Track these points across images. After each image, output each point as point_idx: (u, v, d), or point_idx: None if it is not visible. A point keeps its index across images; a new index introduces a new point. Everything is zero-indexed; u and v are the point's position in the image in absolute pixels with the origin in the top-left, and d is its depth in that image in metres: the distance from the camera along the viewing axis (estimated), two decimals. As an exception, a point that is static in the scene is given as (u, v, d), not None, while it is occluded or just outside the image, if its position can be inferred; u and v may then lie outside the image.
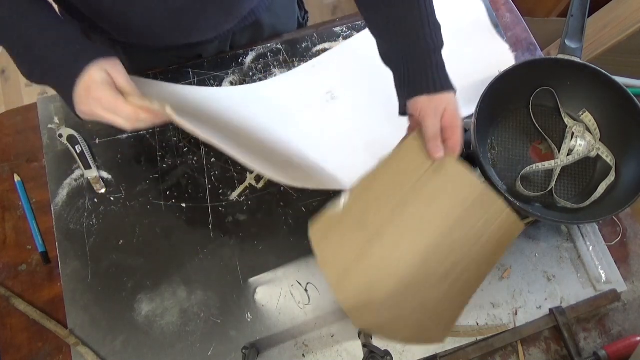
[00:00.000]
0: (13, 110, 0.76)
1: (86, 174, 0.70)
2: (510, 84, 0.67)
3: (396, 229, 0.53)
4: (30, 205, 0.70)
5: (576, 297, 0.67)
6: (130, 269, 0.67)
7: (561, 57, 0.67)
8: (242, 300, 0.66)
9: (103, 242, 0.68)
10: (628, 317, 0.67)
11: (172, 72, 0.76)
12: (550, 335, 0.66)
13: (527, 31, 0.84)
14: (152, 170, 0.71)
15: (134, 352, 0.63)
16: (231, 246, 0.68)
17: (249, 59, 0.78)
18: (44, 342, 0.64)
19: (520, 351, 0.65)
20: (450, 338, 0.64)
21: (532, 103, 0.72)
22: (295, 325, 0.65)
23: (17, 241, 0.69)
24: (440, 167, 0.55)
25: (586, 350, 0.65)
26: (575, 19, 0.68)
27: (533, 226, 0.70)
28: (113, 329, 0.64)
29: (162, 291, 0.66)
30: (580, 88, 0.69)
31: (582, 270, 0.69)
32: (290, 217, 0.70)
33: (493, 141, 0.72)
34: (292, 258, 0.68)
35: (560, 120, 0.72)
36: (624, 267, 0.69)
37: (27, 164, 0.73)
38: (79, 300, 0.65)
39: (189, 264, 0.67)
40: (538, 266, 0.68)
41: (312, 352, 0.64)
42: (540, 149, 0.71)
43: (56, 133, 0.72)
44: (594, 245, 0.70)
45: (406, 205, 0.53)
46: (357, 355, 0.63)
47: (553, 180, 0.68)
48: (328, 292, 0.66)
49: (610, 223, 0.72)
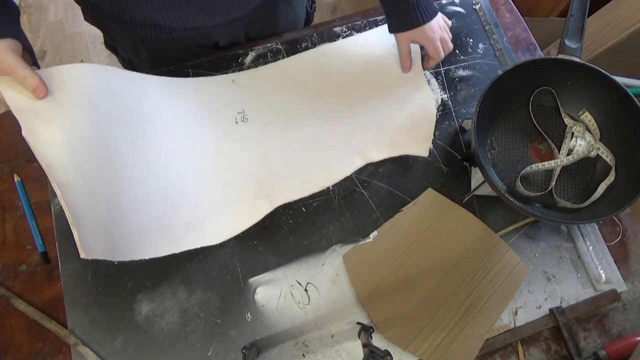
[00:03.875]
0: (13, 110, 0.76)
1: (86, 174, 0.70)
2: (510, 84, 0.67)
3: (417, 258, 0.66)
4: (30, 205, 0.70)
5: (576, 297, 0.67)
6: (130, 269, 0.67)
7: (561, 57, 0.67)
8: (242, 300, 0.66)
9: (103, 242, 0.68)
10: (628, 317, 0.67)
11: (172, 72, 0.76)
12: (550, 335, 0.66)
13: (527, 31, 0.84)
14: (152, 170, 0.71)
15: (134, 352, 0.63)
16: (231, 246, 0.68)
17: (249, 59, 0.78)
18: (44, 342, 0.64)
19: (520, 351, 0.65)
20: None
21: (532, 103, 0.72)
22: (295, 325, 0.65)
23: (17, 241, 0.69)
24: (450, 211, 0.69)
25: (586, 350, 0.65)
26: (575, 18, 0.68)
27: (533, 226, 0.70)
28: (113, 329, 0.64)
29: (162, 291, 0.66)
30: (580, 88, 0.69)
31: (582, 270, 0.69)
32: (290, 217, 0.70)
33: (493, 141, 0.72)
34: (292, 258, 0.68)
35: (560, 120, 0.72)
36: (624, 267, 0.69)
37: (27, 164, 0.73)
38: (79, 300, 0.65)
39: (188, 264, 0.67)
40: (538, 266, 0.69)
41: (312, 352, 0.64)
42: (540, 149, 0.71)
43: (56, 133, 0.72)
44: (594, 245, 0.70)
45: (424, 240, 0.67)
46: (357, 355, 0.63)
47: (553, 180, 0.68)
48: (328, 292, 0.66)
49: (610, 223, 0.72)
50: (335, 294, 0.66)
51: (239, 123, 0.71)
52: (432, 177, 0.72)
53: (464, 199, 0.71)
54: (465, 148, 0.74)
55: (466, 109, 0.77)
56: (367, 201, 0.71)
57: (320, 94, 0.74)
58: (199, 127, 0.69)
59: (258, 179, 0.68)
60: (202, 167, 0.68)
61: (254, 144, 0.70)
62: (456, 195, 0.71)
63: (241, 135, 0.70)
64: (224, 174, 0.68)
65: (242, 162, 0.69)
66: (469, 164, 0.72)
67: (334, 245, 0.68)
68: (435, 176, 0.73)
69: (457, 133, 0.75)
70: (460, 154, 0.74)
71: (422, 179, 0.72)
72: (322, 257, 0.68)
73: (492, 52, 0.81)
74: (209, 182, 0.67)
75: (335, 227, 0.69)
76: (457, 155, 0.74)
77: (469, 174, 0.72)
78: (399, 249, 0.67)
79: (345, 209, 0.70)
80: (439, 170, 0.73)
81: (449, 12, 0.84)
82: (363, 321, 0.64)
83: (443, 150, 0.74)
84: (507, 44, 0.82)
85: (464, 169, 0.73)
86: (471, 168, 0.72)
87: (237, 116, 0.71)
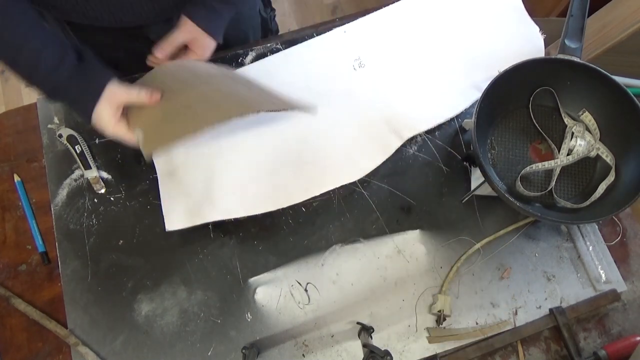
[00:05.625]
0: (13, 110, 0.76)
1: (86, 174, 0.70)
2: (510, 84, 0.67)
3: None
4: (30, 205, 0.70)
5: (576, 297, 0.67)
6: (130, 269, 0.67)
7: (561, 57, 0.67)
8: (242, 300, 0.66)
9: (103, 242, 0.68)
10: (628, 317, 0.67)
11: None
12: (550, 335, 0.66)
13: (527, 31, 0.84)
14: (152, 170, 0.71)
15: (134, 352, 0.63)
16: (231, 246, 0.68)
17: (249, 59, 0.78)
18: (44, 342, 0.64)
19: (520, 351, 0.65)
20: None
21: (532, 103, 0.72)
22: (295, 325, 0.65)
23: (17, 241, 0.69)
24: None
25: (586, 350, 0.65)
26: (575, 18, 0.68)
27: (533, 226, 0.70)
28: (113, 329, 0.64)
29: (162, 291, 0.66)
30: (580, 88, 0.69)
31: (582, 270, 0.69)
32: (290, 217, 0.70)
33: (493, 141, 0.72)
34: (292, 258, 0.68)
35: (560, 120, 0.72)
36: (624, 267, 0.69)
37: (27, 164, 0.73)
38: (79, 300, 0.65)
39: (189, 264, 0.67)
40: (538, 266, 0.69)
41: (312, 352, 0.64)
42: (540, 148, 0.71)
43: (56, 133, 0.72)
44: (594, 245, 0.70)
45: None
46: (357, 355, 0.63)
47: (553, 180, 0.68)
48: (328, 292, 0.66)
49: (610, 223, 0.72)
50: (335, 294, 0.66)
51: (356, 69, 0.77)
52: (432, 177, 0.72)
53: (464, 199, 0.71)
54: (465, 148, 0.74)
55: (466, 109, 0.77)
56: (367, 201, 0.71)
57: (430, 36, 0.79)
58: (322, 80, 0.76)
59: (384, 117, 0.73)
60: (331, 112, 0.74)
61: (374, 85, 0.76)
62: (456, 195, 0.71)
63: (361, 79, 0.76)
64: (351, 116, 0.74)
65: (367, 103, 0.74)
66: (469, 164, 0.72)
67: (334, 245, 0.68)
68: (435, 176, 0.73)
69: (457, 133, 0.75)
70: (460, 154, 0.74)
71: (422, 179, 0.72)
72: (322, 257, 0.68)
73: (492, 52, 0.81)
74: (340, 126, 0.73)
75: (335, 227, 0.69)
76: (457, 155, 0.74)
77: (469, 174, 0.72)
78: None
79: (345, 209, 0.70)
80: (439, 170, 0.73)
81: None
82: (363, 320, 0.64)
83: (443, 150, 0.74)
84: (507, 44, 0.82)
85: (464, 169, 0.73)
86: (471, 168, 0.72)
87: (354, 63, 0.77)
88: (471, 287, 0.67)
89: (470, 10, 0.81)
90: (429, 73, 0.77)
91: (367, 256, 0.68)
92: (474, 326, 0.65)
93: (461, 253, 0.68)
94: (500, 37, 0.79)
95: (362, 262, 0.68)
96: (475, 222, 0.70)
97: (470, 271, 0.68)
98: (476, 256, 0.69)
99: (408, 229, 0.70)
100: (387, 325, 0.65)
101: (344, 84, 0.76)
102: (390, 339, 0.64)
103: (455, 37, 0.79)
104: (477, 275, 0.68)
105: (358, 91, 0.75)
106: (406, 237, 0.69)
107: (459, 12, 0.81)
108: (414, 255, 0.68)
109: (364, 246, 0.69)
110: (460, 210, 0.71)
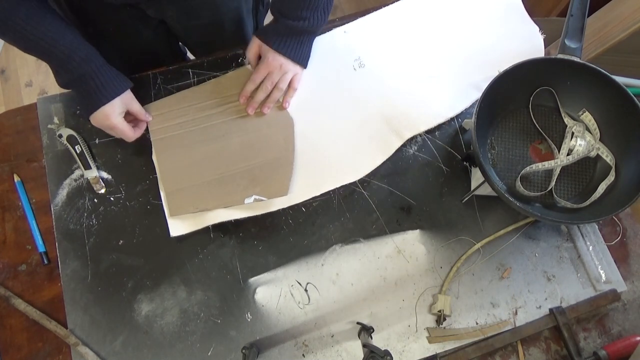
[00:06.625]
0: (13, 110, 0.76)
1: (86, 174, 0.70)
2: (510, 84, 0.67)
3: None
4: (30, 205, 0.70)
5: (576, 297, 0.67)
6: (130, 269, 0.67)
7: (561, 57, 0.67)
8: (242, 300, 0.66)
9: (103, 242, 0.68)
10: (628, 317, 0.67)
11: (172, 72, 0.76)
12: (550, 335, 0.66)
13: (527, 31, 0.84)
14: (152, 170, 0.71)
15: (134, 352, 0.63)
16: (231, 246, 0.68)
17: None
18: (44, 342, 0.64)
19: (520, 351, 0.65)
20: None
21: (532, 103, 0.72)
22: (295, 325, 0.65)
23: (17, 241, 0.69)
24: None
25: (586, 350, 0.65)
26: (575, 18, 0.68)
27: (533, 226, 0.70)
28: (113, 329, 0.64)
29: (162, 291, 0.66)
30: (580, 88, 0.69)
31: (582, 270, 0.69)
32: (290, 217, 0.70)
33: (493, 141, 0.72)
34: (292, 258, 0.68)
35: (560, 120, 0.72)
36: (624, 267, 0.69)
37: (27, 164, 0.73)
38: (79, 300, 0.65)
39: (189, 264, 0.67)
40: (538, 266, 0.69)
41: (312, 352, 0.64)
42: (540, 148, 0.71)
43: (56, 133, 0.72)
44: (594, 245, 0.70)
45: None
46: (357, 355, 0.63)
47: (553, 180, 0.68)
48: (328, 292, 0.66)
49: (610, 223, 0.72)
50: (335, 294, 0.66)
51: (356, 69, 0.77)
52: (432, 177, 0.72)
53: (464, 199, 0.71)
54: (465, 148, 0.74)
55: (466, 108, 0.76)
56: (367, 201, 0.71)
57: (430, 35, 0.80)
58: (322, 80, 0.77)
59: (384, 117, 0.74)
60: (332, 112, 0.75)
61: (374, 85, 0.76)
62: (456, 195, 0.71)
63: (361, 79, 0.77)
64: (351, 117, 0.74)
65: (367, 103, 0.75)
66: (469, 164, 0.72)
67: (334, 245, 0.68)
68: (435, 176, 0.73)
69: (457, 133, 0.75)
70: (460, 154, 0.74)
71: (422, 178, 0.72)
72: (322, 257, 0.68)
73: (492, 52, 0.81)
74: (340, 126, 0.74)
75: (335, 227, 0.69)
76: (457, 155, 0.74)
77: (469, 174, 0.72)
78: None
79: (345, 209, 0.70)
80: (439, 170, 0.73)
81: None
82: (363, 320, 0.64)
83: (443, 150, 0.74)
84: (507, 43, 0.82)
85: (464, 169, 0.73)
86: (471, 168, 0.72)
87: (354, 63, 0.78)
88: (471, 287, 0.67)
89: (470, 10, 0.81)
90: (429, 73, 0.77)
91: (367, 256, 0.68)
92: (474, 326, 0.65)
93: (461, 253, 0.68)
94: (500, 37, 0.79)
95: (362, 262, 0.68)
96: (475, 222, 0.70)
97: (470, 271, 0.68)
98: (476, 256, 0.69)
99: (408, 229, 0.70)
100: (387, 325, 0.65)
101: (344, 84, 0.76)
102: (390, 339, 0.64)
103: (455, 37, 0.79)
104: (477, 275, 0.68)
105: (358, 91, 0.75)
106: (406, 237, 0.69)
107: (459, 12, 0.81)
108: (414, 255, 0.68)
109: (364, 246, 0.69)
110: (460, 210, 0.71)
